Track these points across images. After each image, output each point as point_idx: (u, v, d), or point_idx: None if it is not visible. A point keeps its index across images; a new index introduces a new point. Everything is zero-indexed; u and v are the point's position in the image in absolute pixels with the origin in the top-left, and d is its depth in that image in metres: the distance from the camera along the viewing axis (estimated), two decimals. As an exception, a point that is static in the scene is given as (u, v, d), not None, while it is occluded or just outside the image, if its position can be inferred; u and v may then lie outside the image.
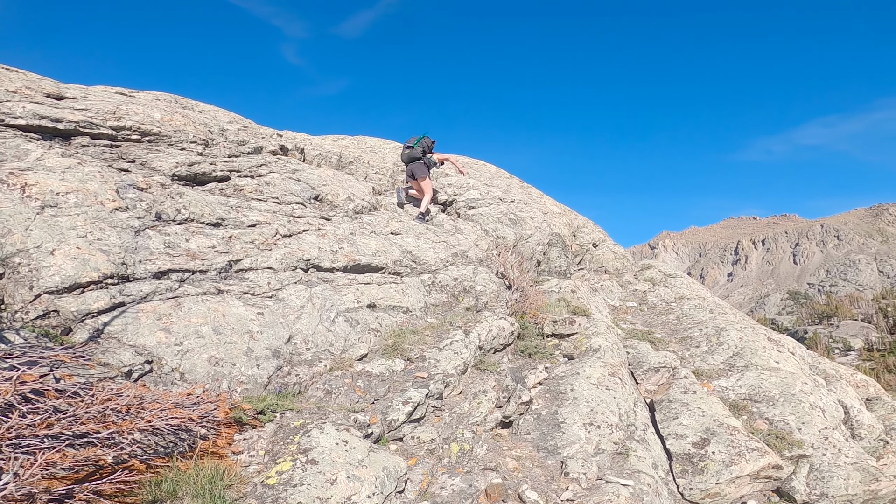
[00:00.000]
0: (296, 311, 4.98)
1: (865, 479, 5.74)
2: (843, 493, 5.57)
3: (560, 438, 5.07)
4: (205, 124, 7.96)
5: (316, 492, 3.15)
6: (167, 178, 6.13)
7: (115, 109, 6.65)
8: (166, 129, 7.02)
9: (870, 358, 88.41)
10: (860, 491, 5.63)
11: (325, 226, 6.95)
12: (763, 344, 7.94)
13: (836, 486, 5.62)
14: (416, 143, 9.56)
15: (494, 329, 6.07)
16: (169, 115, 7.33)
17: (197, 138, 7.35)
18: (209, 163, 6.87)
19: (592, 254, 12.49)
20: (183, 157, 6.62)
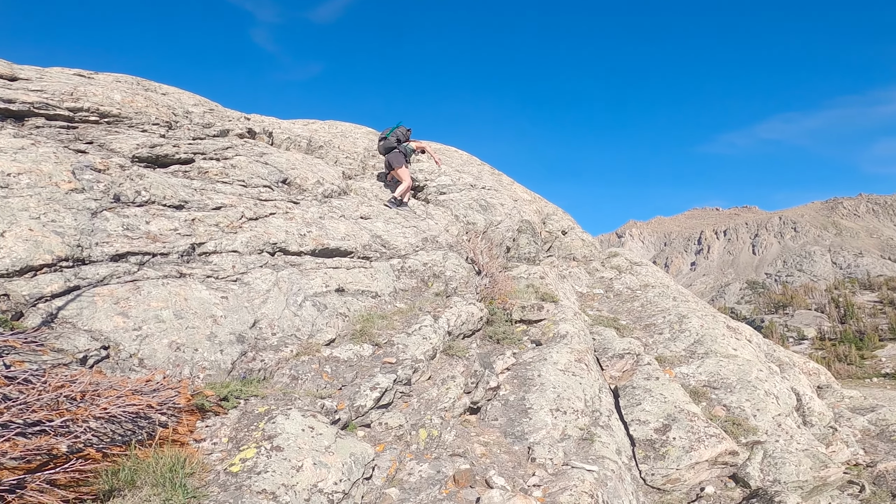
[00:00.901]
0: (261, 296, 4.87)
1: (815, 465, 5.95)
2: (794, 479, 5.75)
3: (527, 424, 5.13)
4: (168, 107, 7.70)
5: (281, 479, 3.10)
6: (127, 159, 5.90)
7: (72, 91, 6.35)
8: (127, 111, 6.75)
9: (822, 347, 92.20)
10: (810, 477, 5.82)
11: (293, 209, 6.81)
12: (722, 331, 8.18)
13: (788, 472, 5.79)
14: (388, 133, 9.51)
15: (464, 314, 6.08)
16: (130, 97, 7.05)
17: (160, 120, 7.10)
18: (172, 145, 6.66)
19: (561, 241, 12.63)
20: (144, 139, 6.38)
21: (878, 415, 8.65)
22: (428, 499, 3.94)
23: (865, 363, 74.57)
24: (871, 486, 6.39)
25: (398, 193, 9.08)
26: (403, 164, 9.30)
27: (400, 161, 9.27)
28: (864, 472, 6.87)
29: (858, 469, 6.94)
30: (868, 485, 6.42)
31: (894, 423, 8.32)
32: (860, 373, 70.97)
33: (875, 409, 8.88)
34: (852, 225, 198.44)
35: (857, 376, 68.70)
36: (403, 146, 9.45)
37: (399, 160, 9.27)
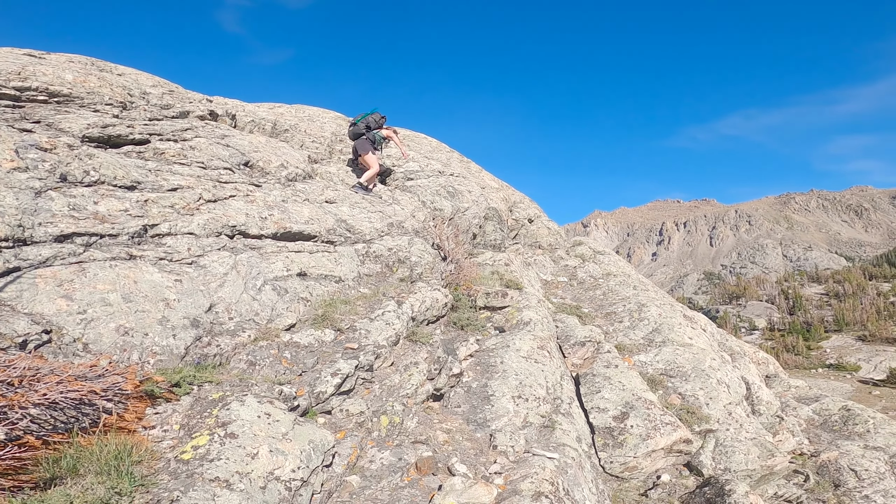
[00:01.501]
0: (218, 279, 4.69)
1: (763, 454, 6.14)
2: (743, 467, 5.93)
3: (489, 411, 5.13)
4: (124, 87, 7.40)
5: (235, 466, 3.00)
6: (76, 139, 5.62)
7: (20, 70, 6.00)
8: (79, 91, 6.44)
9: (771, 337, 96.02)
10: (758, 466, 6.01)
11: (254, 192, 6.59)
12: (679, 321, 8.39)
13: (737, 460, 5.97)
14: (359, 119, 9.45)
15: (428, 300, 6.03)
16: (83, 77, 6.73)
17: (114, 101, 6.82)
18: (126, 125, 6.39)
19: (527, 229, 12.71)
20: (96, 119, 6.10)
21: (821, 404, 9.00)
22: (389, 486, 3.91)
23: (812, 354, 78.36)
24: (814, 476, 6.63)
25: (364, 179, 8.98)
26: (370, 150, 9.21)
27: (366, 148, 9.19)
28: (808, 461, 7.12)
29: (803, 459, 7.19)
30: (812, 474, 6.65)
31: (836, 412, 8.66)
32: (806, 363, 74.56)
33: (819, 399, 9.25)
34: (803, 219, 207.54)
35: (804, 367, 72.15)
36: (373, 133, 9.37)
37: (365, 147, 9.20)
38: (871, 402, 56.75)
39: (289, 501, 3.11)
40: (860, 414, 8.44)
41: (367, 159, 9.21)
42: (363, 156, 9.22)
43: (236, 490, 2.88)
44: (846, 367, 73.26)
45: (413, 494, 3.86)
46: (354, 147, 9.38)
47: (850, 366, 73.67)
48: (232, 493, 2.86)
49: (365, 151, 9.19)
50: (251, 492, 2.93)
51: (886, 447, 7.45)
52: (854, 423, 8.26)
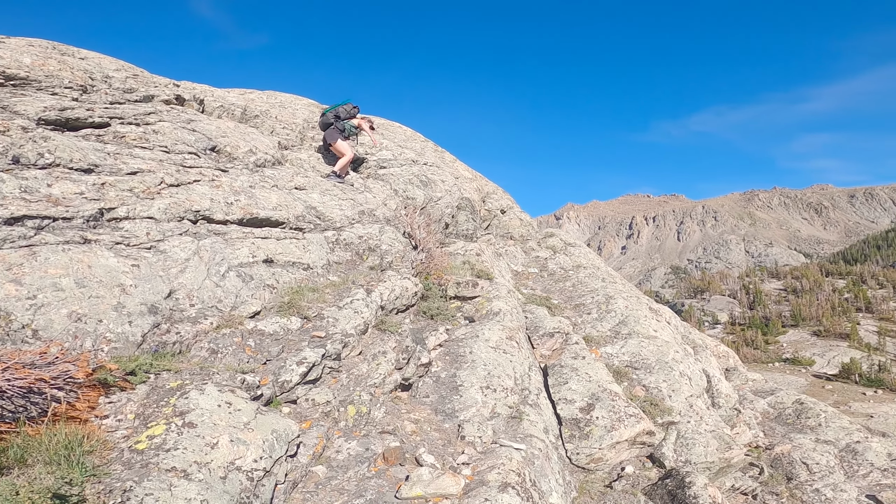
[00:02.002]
0: (179, 264, 4.53)
1: (721, 447, 6.26)
2: (703, 459, 6.05)
3: (458, 402, 5.11)
4: (85, 70, 7.16)
5: (193, 456, 2.90)
6: (31, 122, 5.39)
7: None
8: (36, 74, 6.19)
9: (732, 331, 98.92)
10: (717, 458, 6.13)
11: (220, 177, 6.41)
12: (645, 313, 8.51)
13: (697, 453, 6.08)
14: (328, 109, 9.42)
15: (398, 289, 5.97)
16: (42, 60, 6.46)
17: (74, 84, 6.60)
18: (85, 108, 6.19)
19: (500, 220, 12.73)
20: (53, 102, 5.88)
21: (776, 398, 9.24)
22: (356, 476, 3.86)
23: (769, 348, 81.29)
24: (769, 469, 6.80)
25: (338, 168, 8.90)
26: (339, 139, 9.13)
27: (335, 137, 9.13)
28: (763, 454, 7.31)
29: (758, 451, 7.37)
30: (766, 467, 6.82)
31: (790, 406, 8.92)
32: (764, 357, 77.31)
33: (774, 393, 9.52)
34: (765, 216, 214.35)
35: (762, 361, 74.82)
36: (342, 123, 9.27)
37: (334, 136, 9.14)
38: (824, 396, 59.16)
39: (251, 492, 3.03)
40: (812, 408, 8.67)
41: (339, 147, 9.12)
42: (333, 144, 9.13)
43: (194, 480, 2.79)
44: (801, 362, 76.31)
45: (380, 485, 3.82)
46: (325, 136, 9.30)
47: (805, 360, 76.75)
48: (190, 483, 2.77)
49: (334, 140, 9.12)
50: (210, 482, 2.84)
51: (836, 441, 7.68)
52: (807, 416, 8.49)
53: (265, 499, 3.14)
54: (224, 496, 2.83)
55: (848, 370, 67.07)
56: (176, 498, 2.67)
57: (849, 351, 74.24)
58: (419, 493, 3.71)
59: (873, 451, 7.35)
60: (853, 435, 7.83)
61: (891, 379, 64.60)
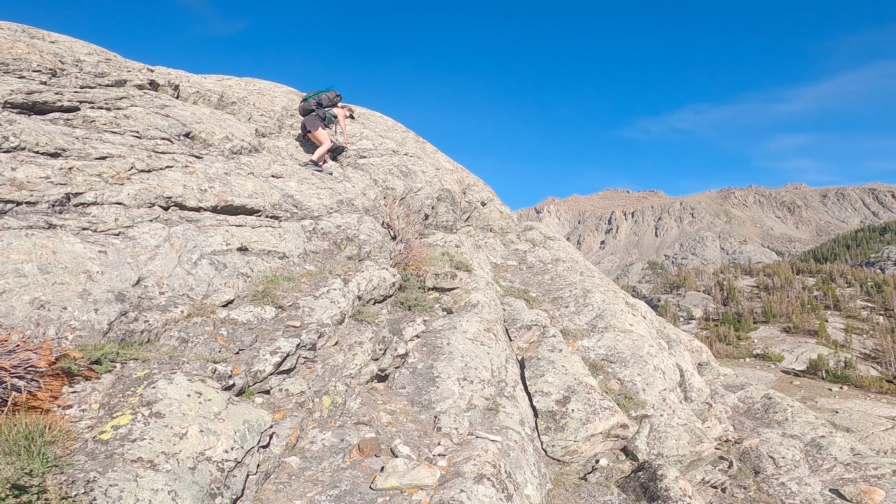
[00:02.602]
0: (149, 251, 4.40)
1: (692, 440, 6.33)
2: (675, 453, 6.11)
3: (434, 393, 5.09)
4: (55, 54, 6.99)
5: (161, 446, 2.83)
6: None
7: None
8: (3, 57, 6.04)
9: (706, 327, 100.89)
10: (688, 452, 6.20)
11: (194, 164, 6.26)
12: (621, 307, 8.59)
13: (669, 446, 6.14)
14: (310, 95, 9.18)
15: (375, 279, 5.91)
16: (10, 44, 6.27)
17: (42, 68, 6.42)
18: (54, 92, 6.03)
19: (480, 212, 12.72)
20: (20, 85, 5.68)
21: (746, 392, 9.40)
22: (330, 468, 3.81)
23: (741, 344, 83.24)
24: (738, 463, 6.88)
25: (316, 156, 8.75)
26: (319, 127, 8.97)
27: (315, 124, 8.94)
28: (732, 448, 7.41)
29: (728, 445, 7.47)
30: (735, 461, 6.91)
31: (759, 400, 9.08)
32: (736, 353, 79.13)
33: (744, 387, 9.67)
34: (740, 214, 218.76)
35: (734, 356, 76.59)
36: (324, 111, 9.07)
37: (315, 123, 8.95)
38: (792, 391, 60.84)
39: (221, 483, 2.97)
40: (780, 402, 8.82)
41: (318, 135, 8.96)
42: (312, 132, 8.97)
43: (162, 471, 2.72)
44: (771, 357, 78.28)
45: (355, 476, 3.78)
46: (303, 123, 9.13)
47: (775, 356, 78.75)
48: (157, 473, 2.70)
49: (314, 128, 8.95)
50: (179, 473, 2.77)
51: (802, 435, 7.81)
52: (774, 411, 8.62)
53: (236, 490, 3.08)
54: (193, 487, 2.77)
55: (815, 366, 69.09)
56: (142, 489, 2.59)
57: (817, 348, 76.46)
58: (394, 484, 3.68)
59: (837, 446, 7.48)
60: (818, 430, 7.97)
61: (856, 376, 66.79)
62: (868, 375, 67.42)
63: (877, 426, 39.86)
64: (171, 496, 2.63)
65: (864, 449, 7.58)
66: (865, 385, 63.65)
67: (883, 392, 61.89)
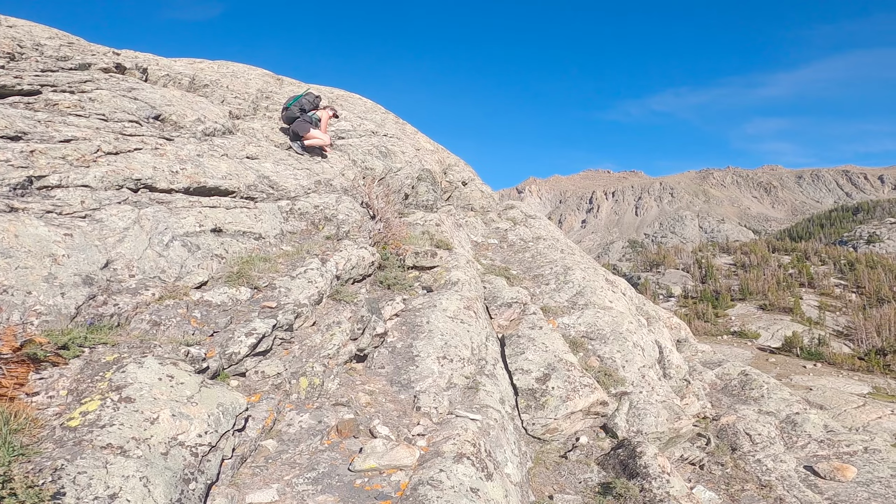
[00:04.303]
0: (118, 234, 4.27)
1: (671, 417, 6.40)
2: (654, 430, 6.16)
3: (414, 372, 5.07)
4: (13, 38, 6.81)
5: (131, 432, 2.76)
6: (-50, 90, 4.96)
7: None
8: None
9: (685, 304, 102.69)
10: (667, 429, 6.27)
11: (164, 146, 6.10)
12: (601, 284, 8.65)
13: (648, 423, 6.20)
14: (290, 102, 8.81)
15: (354, 258, 5.84)
16: None
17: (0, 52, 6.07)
18: (13, 76, 5.90)
19: (461, 191, 12.67)
20: None
21: (723, 369, 9.48)
22: (308, 450, 3.79)
23: (719, 321, 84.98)
24: (715, 440, 6.95)
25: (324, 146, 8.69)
26: (310, 129, 8.61)
27: (306, 128, 8.59)
28: (710, 424, 7.47)
29: (706, 422, 7.54)
30: (713, 438, 6.98)
31: (736, 377, 9.17)
32: (714, 330, 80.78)
33: (721, 364, 9.76)
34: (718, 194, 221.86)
35: (712, 333, 78.19)
36: (309, 115, 8.73)
37: (305, 127, 8.59)
38: (768, 368, 62.42)
39: (195, 467, 2.92)
40: (756, 379, 8.92)
41: (312, 136, 8.63)
42: (305, 135, 8.60)
43: (133, 457, 2.66)
44: (748, 335, 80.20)
45: (333, 458, 3.76)
46: (293, 131, 8.71)
47: (752, 333, 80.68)
48: (128, 459, 2.64)
49: (306, 131, 8.60)
50: (151, 458, 2.71)
51: (777, 412, 7.91)
52: (751, 387, 8.72)
53: (211, 474, 3.04)
54: (166, 472, 2.72)
55: (790, 343, 71.03)
56: (112, 476, 2.54)
57: (791, 325, 78.45)
58: (373, 465, 3.68)
59: (811, 423, 7.58)
60: (793, 406, 8.07)
61: (829, 353, 68.86)
62: (841, 353, 69.56)
63: (849, 403, 41.17)
64: (142, 482, 2.58)
65: (837, 426, 7.69)
66: (838, 362, 65.69)
67: (855, 369, 63.98)
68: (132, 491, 2.52)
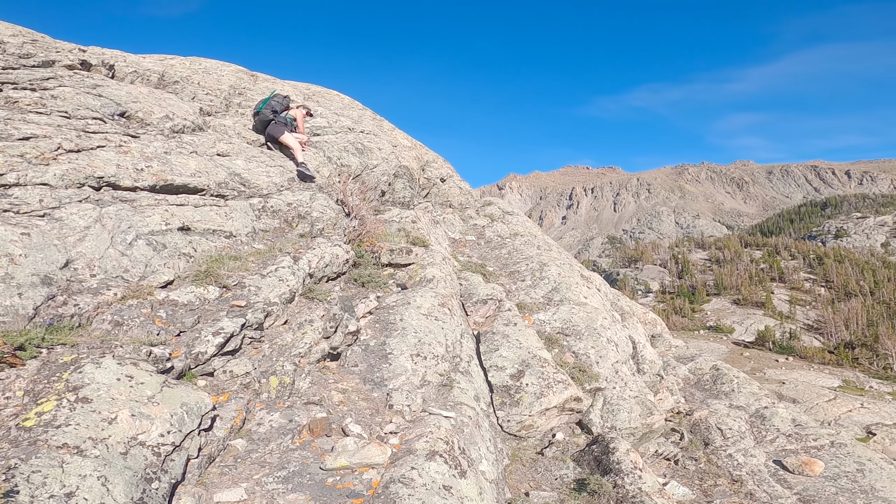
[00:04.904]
0: (78, 233, 4.15)
1: (644, 412, 6.41)
2: (627, 425, 6.17)
3: (387, 370, 5.02)
4: None
5: (88, 432, 2.70)
6: None
7: None
8: None
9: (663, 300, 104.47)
10: (640, 424, 6.28)
11: (129, 143, 5.97)
12: (577, 280, 8.69)
13: (622, 419, 6.21)
14: (261, 106, 8.54)
15: (328, 256, 5.78)
16: None
17: None
18: None
19: (439, 188, 12.65)
20: None
21: (696, 364, 9.51)
22: (279, 449, 3.74)
23: (695, 316, 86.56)
24: (688, 435, 6.99)
25: (300, 160, 8.17)
26: (286, 131, 8.36)
27: (281, 130, 8.33)
28: (684, 419, 7.48)
29: (679, 417, 7.55)
30: (686, 433, 7.02)
31: (708, 371, 9.20)
32: (691, 325, 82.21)
33: (694, 359, 9.80)
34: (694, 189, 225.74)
35: (689, 328, 79.57)
36: (282, 116, 8.49)
37: (280, 130, 8.34)
38: (742, 362, 63.65)
39: (157, 467, 2.86)
40: (727, 373, 8.96)
41: (287, 140, 8.31)
42: (280, 137, 8.34)
43: (90, 457, 2.60)
44: (723, 329, 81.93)
45: (304, 456, 3.72)
46: (268, 134, 8.46)
47: (726, 328, 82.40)
48: (84, 459, 2.58)
49: (280, 133, 8.33)
50: (109, 458, 2.65)
51: (747, 406, 7.95)
52: (722, 382, 8.74)
53: (175, 473, 2.98)
54: (126, 472, 2.66)
55: (763, 338, 72.77)
56: (68, 475, 2.48)
57: (764, 319, 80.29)
58: (344, 464, 3.65)
59: (779, 417, 7.61)
60: (762, 400, 8.11)
61: (800, 347, 70.73)
62: (811, 346, 71.45)
63: (820, 397, 42.21)
64: (100, 481, 2.52)
65: (805, 420, 7.75)
66: (809, 356, 67.49)
67: (825, 363, 65.83)
68: (89, 490, 2.47)
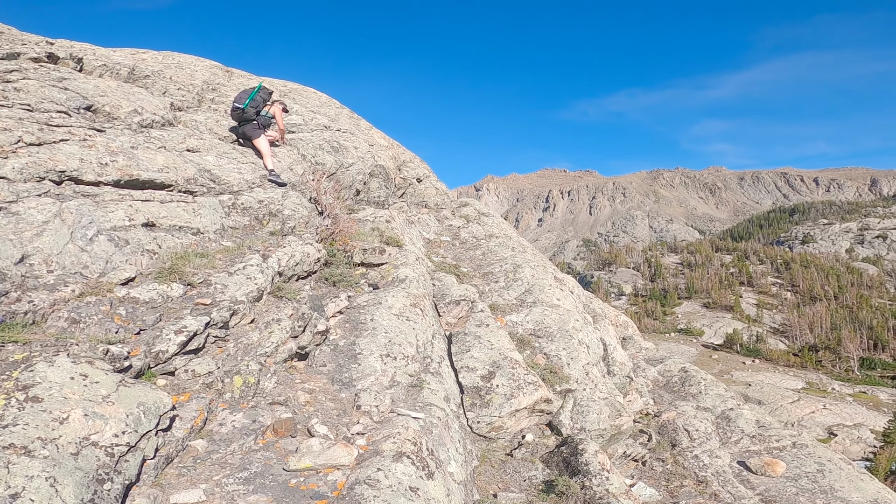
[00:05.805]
0: (36, 227, 4.02)
1: (612, 414, 6.43)
2: (596, 427, 6.18)
3: (356, 370, 4.96)
4: None
5: (37, 432, 2.60)
6: None
7: None
8: None
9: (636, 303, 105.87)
10: (608, 426, 6.30)
11: (94, 137, 5.82)
12: (550, 282, 8.73)
13: (591, 420, 6.21)
14: (246, 102, 8.16)
15: (298, 254, 5.70)
16: None
17: None
18: None
19: (415, 188, 12.61)
20: None
21: (665, 366, 9.63)
22: (241, 450, 3.67)
23: (667, 319, 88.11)
24: (656, 436, 7.05)
25: (269, 167, 7.83)
26: (261, 135, 8.09)
27: (256, 133, 8.08)
28: (652, 421, 7.55)
29: (648, 419, 7.61)
30: (654, 434, 7.08)
31: (677, 374, 9.32)
32: (662, 328, 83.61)
33: (664, 361, 9.89)
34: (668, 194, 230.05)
35: (660, 331, 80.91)
36: (263, 117, 8.23)
37: (256, 132, 8.08)
38: (711, 365, 64.95)
39: (111, 468, 2.78)
40: (695, 375, 9.08)
41: (259, 144, 8.06)
42: (255, 141, 8.11)
43: (38, 457, 2.51)
44: (693, 332, 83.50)
45: (267, 457, 3.66)
46: (243, 132, 8.24)
47: (696, 330, 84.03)
48: (32, 460, 2.49)
49: (256, 136, 8.08)
50: (59, 458, 2.56)
51: (713, 408, 8.07)
52: (690, 384, 8.86)
53: (130, 474, 2.90)
54: (76, 473, 2.57)
55: (731, 340, 74.42)
56: (14, 476, 2.39)
57: (733, 322, 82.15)
58: (308, 465, 3.59)
59: (744, 418, 7.73)
60: (727, 402, 8.23)
61: (766, 349, 72.58)
62: (777, 349, 73.39)
63: (785, 398, 43.31)
64: (48, 482, 2.44)
65: (769, 421, 7.88)
66: (774, 358, 69.30)
67: (790, 365, 67.73)
68: (36, 491, 2.39)
